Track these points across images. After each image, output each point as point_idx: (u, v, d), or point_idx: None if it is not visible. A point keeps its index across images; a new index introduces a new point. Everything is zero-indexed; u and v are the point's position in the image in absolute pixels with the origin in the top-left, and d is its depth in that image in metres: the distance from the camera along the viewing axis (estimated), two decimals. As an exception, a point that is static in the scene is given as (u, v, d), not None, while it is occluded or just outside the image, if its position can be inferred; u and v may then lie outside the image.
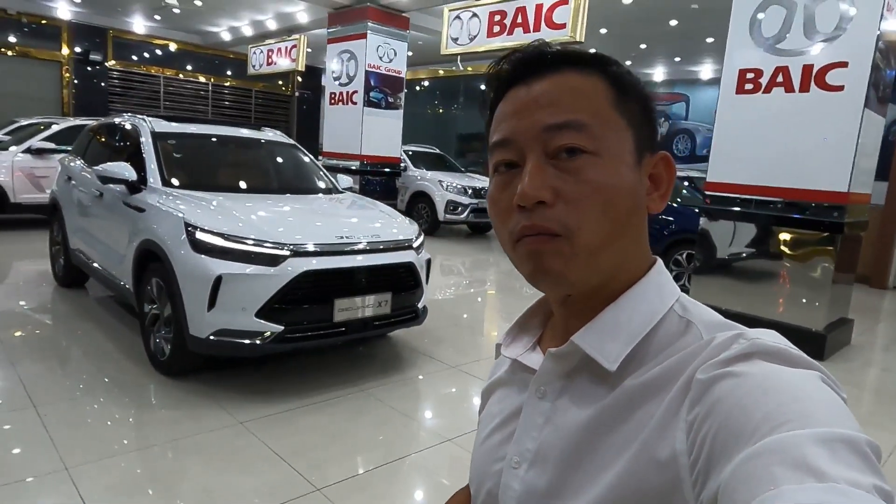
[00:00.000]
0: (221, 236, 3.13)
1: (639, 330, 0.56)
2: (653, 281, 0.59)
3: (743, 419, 0.41)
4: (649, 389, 0.51)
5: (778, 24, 4.61)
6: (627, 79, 0.58)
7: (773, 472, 0.36)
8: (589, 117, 0.54)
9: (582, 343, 0.56)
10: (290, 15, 11.18)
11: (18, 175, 7.52)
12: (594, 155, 0.54)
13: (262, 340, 3.07)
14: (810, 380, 0.43)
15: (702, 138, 14.31)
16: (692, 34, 10.42)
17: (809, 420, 0.39)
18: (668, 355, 0.53)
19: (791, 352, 0.46)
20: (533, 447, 0.59)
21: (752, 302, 4.98)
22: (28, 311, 4.59)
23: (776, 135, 4.67)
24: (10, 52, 12.10)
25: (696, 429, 0.44)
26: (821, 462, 0.35)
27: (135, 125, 4.34)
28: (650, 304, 0.57)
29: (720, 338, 0.50)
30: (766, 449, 0.38)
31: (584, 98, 0.55)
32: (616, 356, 0.55)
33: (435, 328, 4.57)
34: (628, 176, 0.56)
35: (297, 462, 2.59)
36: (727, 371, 0.45)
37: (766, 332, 0.49)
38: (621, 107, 0.56)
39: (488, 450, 0.65)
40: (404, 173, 10.22)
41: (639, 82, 0.59)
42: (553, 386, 0.59)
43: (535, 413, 0.60)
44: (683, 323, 0.55)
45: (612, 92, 0.56)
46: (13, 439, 2.64)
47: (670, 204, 7.09)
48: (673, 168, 0.60)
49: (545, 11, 6.83)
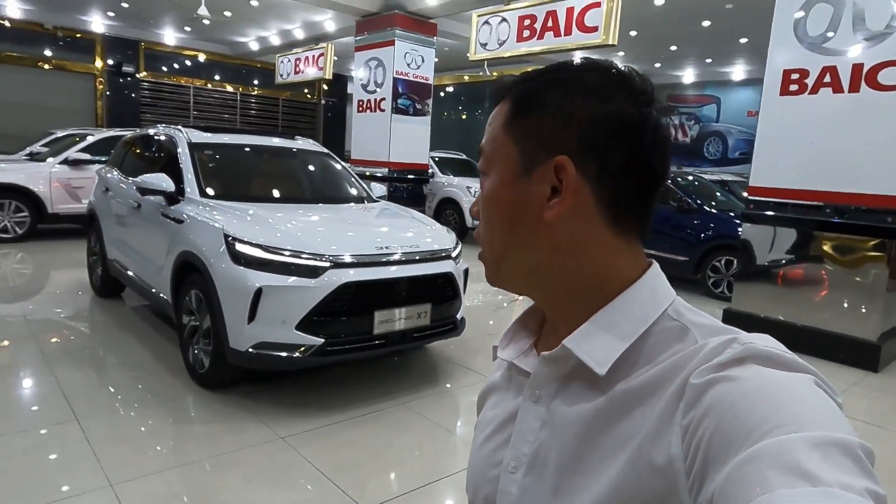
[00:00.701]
0: (261, 248, 3.10)
1: (630, 333, 0.55)
2: (646, 285, 0.58)
3: (737, 423, 0.41)
4: (643, 393, 0.51)
5: (825, 23, 4.45)
6: (533, 94, 0.58)
7: (766, 476, 0.36)
8: (487, 143, 0.62)
9: (573, 346, 0.56)
10: (317, 24, 11.25)
11: (56, 186, 7.66)
12: (486, 175, 0.62)
13: (303, 353, 3.02)
14: (804, 384, 0.44)
15: (734, 141, 14.02)
16: (725, 35, 10.20)
17: (803, 424, 0.39)
18: (661, 359, 0.52)
19: (785, 356, 0.46)
20: (529, 451, 0.59)
21: (799, 311, 4.79)
22: (66, 320, 4.64)
23: (824, 137, 4.50)
24: (47, 66, 12.41)
25: (690, 433, 0.45)
26: (813, 466, 0.36)
27: (171, 136, 4.36)
28: (642, 308, 0.57)
29: (714, 342, 0.49)
30: (759, 453, 0.38)
31: (490, 125, 0.62)
32: (606, 360, 0.55)
33: (469, 338, 4.48)
34: (506, 190, 0.59)
35: (341, 479, 2.53)
36: (721, 375, 0.45)
37: (761, 337, 0.49)
38: (512, 125, 0.59)
39: (485, 455, 0.65)
40: (432, 180, 10.18)
41: (552, 89, 0.58)
42: (547, 390, 0.60)
43: (530, 417, 0.60)
44: (678, 327, 0.55)
45: (510, 113, 0.60)
46: (59, 454, 2.63)
47: (707, 209, 6.91)
48: (567, 172, 0.55)
49: (577, 15, 6.72)
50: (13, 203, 7.42)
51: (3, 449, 2.62)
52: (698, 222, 6.87)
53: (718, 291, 6.53)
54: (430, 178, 10.07)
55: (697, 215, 6.90)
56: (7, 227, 7.41)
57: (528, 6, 7.22)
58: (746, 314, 5.01)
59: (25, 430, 2.82)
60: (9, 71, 11.91)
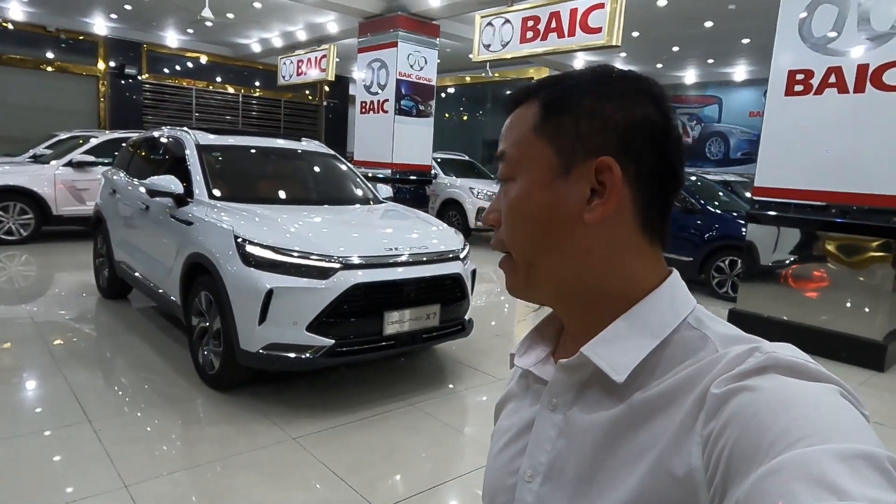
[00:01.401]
0: (271, 249, 3.11)
1: (649, 341, 0.55)
2: (666, 292, 0.58)
3: (759, 435, 0.40)
4: (662, 402, 0.51)
5: (829, 24, 4.46)
6: (564, 97, 0.59)
7: (791, 489, 0.35)
8: (510, 147, 0.61)
9: (591, 354, 0.56)
10: (320, 25, 11.27)
11: (60, 188, 7.68)
12: (511, 181, 0.61)
13: (313, 354, 3.03)
14: (828, 394, 0.43)
15: (735, 141, 14.02)
16: (727, 35, 10.21)
17: (828, 435, 0.38)
18: (681, 368, 0.52)
19: (809, 366, 0.45)
20: (546, 460, 0.58)
21: (804, 311, 4.80)
22: (73, 321, 4.65)
23: (829, 137, 4.51)
24: (50, 68, 12.42)
25: (711, 444, 0.44)
26: (840, 479, 0.34)
27: (178, 138, 4.37)
28: (661, 316, 0.56)
29: (735, 351, 0.49)
30: (783, 465, 0.37)
31: (513, 129, 0.61)
32: (624, 368, 0.54)
33: (475, 339, 4.49)
34: (540, 194, 0.58)
35: (353, 480, 2.54)
36: (742, 385, 0.44)
37: (784, 346, 0.48)
38: (544, 126, 0.58)
39: (501, 464, 0.65)
40: (435, 181, 10.19)
41: (583, 93, 0.58)
42: (564, 398, 0.59)
43: (547, 425, 0.59)
44: (697, 335, 0.54)
45: (538, 115, 0.59)
46: (73, 454, 2.65)
47: (710, 209, 6.92)
48: (613, 172, 0.56)
49: (580, 16, 6.73)
50: (18, 205, 7.44)
51: (18, 449, 2.64)
52: (702, 223, 6.88)
53: (723, 292, 6.54)
54: (433, 180, 10.09)
55: (701, 216, 6.91)
56: (12, 229, 7.42)
57: (532, 7, 7.24)
58: (751, 314, 5.02)
59: (39, 431, 2.83)
60: (12, 73, 11.93)
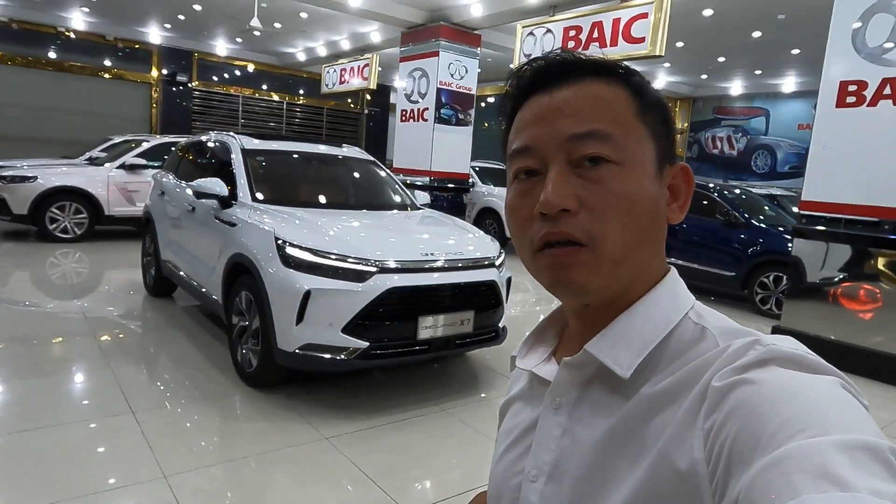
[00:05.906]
0: (310, 251, 3.18)
1: (652, 337, 0.55)
2: (667, 289, 0.58)
3: (760, 426, 0.40)
4: (665, 397, 0.51)
5: (885, 33, 4.31)
6: (649, 90, 0.58)
7: (793, 480, 0.35)
8: (612, 126, 0.54)
9: (595, 351, 0.56)
10: (363, 35, 11.48)
11: (112, 189, 8.01)
12: (617, 164, 0.54)
13: (348, 356, 3.08)
14: (829, 386, 0.42)
15: (783, 154, 13.62)
16: (776, 46, 9.95)
17: (829, 427, 0.38)
18: (683, 363, 0.52)
19: (809, 358, 0.45)
20: (550, 459, 0.58)
21: (854, 331, 4.62)
22: (121, 317, 4.83)
23: (883, 150, 4.35)
24: (107, 75, 13.02)
25: (713, 437, 0.44)
26: (842, 470, 0.34)
27: (224, 142, 4.52)
28: (664, 312, 0.56)
29: (736, 344, 0.49)
30: (785, 457, 0.37)
31: (607, 107, 0.55)
32: (629, 364, 0.54)
33: (509, 347, 4.46)
34: (650, 186, 0.56)
35: (383, 482, 2.57)
36: (743, 378, 0.44)
37: (784, 339, 0.48)
38: (643, 117, 0.56)
39: (506, 465, 0.65)
40: (472, 189, 10.22)
41: (659, 94, 0.59)
42: (568, 397, 0.59)
43: (551, 425, 0.59)
44: (699, 330, 0.54)
45: (635, 102, 0.56)
46: (117, 444, 2.75)
47: (755, 223, 6.73)
48: (692, 179, 0.59)
49: (623, 26, 6.67)
50: (73, 205, 7.79)
51: (66, 437, 2.76)
52: (746, 237, 6.69)
53: (766, 308, 6.34)
54: (470, 188, 10.11)
55: (745, 229, 6.73)
56: (67, 227, 7.78)
57: (574, 17, 7.22)
58: (796, 332, 4.85)
59: (86, 420, 2.95)
60: (72, 80, 12.54)
